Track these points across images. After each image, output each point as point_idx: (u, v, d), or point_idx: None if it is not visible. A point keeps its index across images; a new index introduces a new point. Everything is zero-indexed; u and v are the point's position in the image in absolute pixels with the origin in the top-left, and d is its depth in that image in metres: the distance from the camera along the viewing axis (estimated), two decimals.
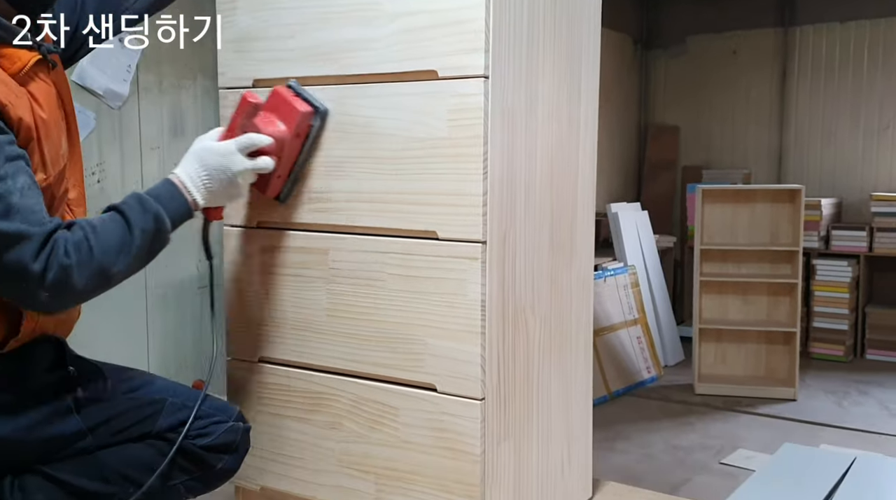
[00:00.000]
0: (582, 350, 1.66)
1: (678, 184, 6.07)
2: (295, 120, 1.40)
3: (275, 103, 1.40)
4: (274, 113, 1.39)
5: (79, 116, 2.99)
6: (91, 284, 1.24)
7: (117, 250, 1.25)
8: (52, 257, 1.19)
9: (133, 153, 3.17)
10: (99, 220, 1.28)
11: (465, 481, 1.37)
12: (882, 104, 5.42)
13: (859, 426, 3.95)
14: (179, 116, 3.35)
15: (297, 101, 1.41)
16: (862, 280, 5.25)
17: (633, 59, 6.07)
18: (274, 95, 1.40)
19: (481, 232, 1.32)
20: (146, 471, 1.37)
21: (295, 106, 1.40)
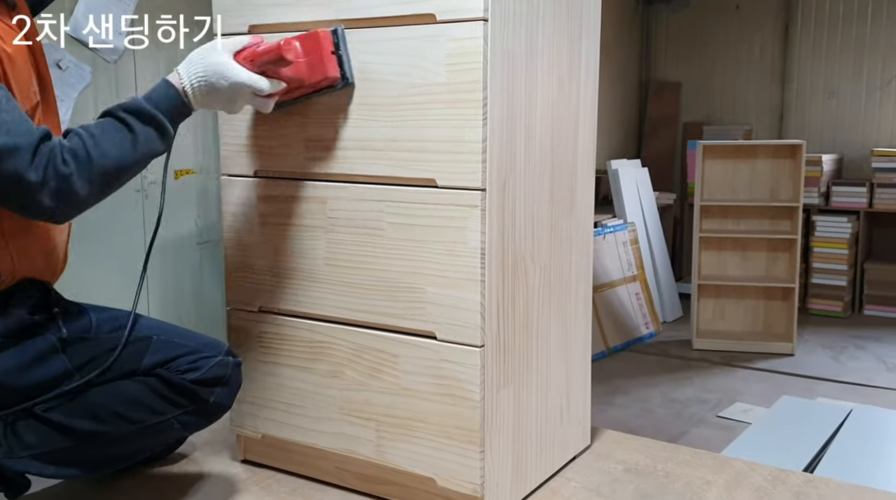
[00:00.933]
0: (581, 299, 1.66)
1: (679, 140, 6.03)
2: (318, 77, 1.38)
3: (309, 48, 1.36)
4: (306, 56, 1.36)
5: (74, 70, 2.96)
6: (94, 189, 1.25)
7: (117, 155, 1.25)
8: (49, 166, 1.19)
9: None
10: (97, 126, 1.28)
11: (465, 426, 1.38)
12: (885, 60, 5.36)
13: (856, 380, 3.98)
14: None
15: (330, 61, 1.37)
16: (861, 236, 5.25)
17: (635, 13, 5.99)
18: (313, 39, 1.36)
19: (481, 179, 1.31)
20: (137, 407, 1.38)
21: (326, 66, 1.37)
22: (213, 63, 1.34)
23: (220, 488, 1.54)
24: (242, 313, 1.61)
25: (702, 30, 5.91)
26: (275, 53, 1.33)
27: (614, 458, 1.67)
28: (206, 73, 1.34)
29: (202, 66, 1.34)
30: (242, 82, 1.34)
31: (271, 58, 1.34)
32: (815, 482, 1.56)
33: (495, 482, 1.40)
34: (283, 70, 1.35)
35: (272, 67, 1.35)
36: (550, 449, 1.57)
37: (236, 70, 1.34)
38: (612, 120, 5.95)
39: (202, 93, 1.35)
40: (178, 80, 1.35)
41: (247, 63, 1.35)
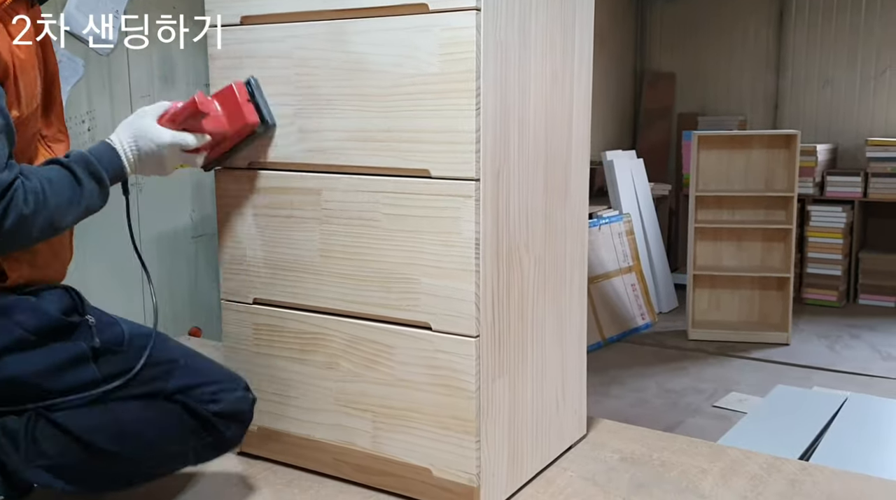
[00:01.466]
0: (576, 289, 1.66)
1: (674, 131, 6.03)
2: (238, 125, 1.46)
3: (225, 100, 1.45)
4: (222, 108, 1.44)
5: (67, 63, 2.95)
6: (42, 233, 1.28)
7: (68, 203, 1.29)
8: (11, 204, 1.21)
9: (123, 101, 3.13)
10: (51, 171, 1.30)
11: (461, 416, 1.38)
12: (879, 49, 5.37)
13: (851, 369, 3.99)
14: (169, 64, 3.30)
15: (248, 108, 1.46)
16: (856, 226, 5.26)
17: (629, 4, 5.98)
18: (227, 91, 1.45)
19: (474, 169, 1.31)
20: (158, 431, 1.37)
21: (244, 114, 1.45)
22: (140, 128, 1.40)
23: (216, 480, 1.54)
24: (237, 305, 1.61)
25: (696, 20, 5.91)
26: (191, 108, 1.41)
27: (610, 447, 1.67)
28: (135, 138, 1.40)
29: (131, 133, 1.40)
30: (168, 142, 1.40)
31: (189, 113, 1.41)
32: (809, 469, 1.57)
33: (491, 472, 1.41)
34: (204, 124, 1.43)
35: (192, 123, 1.43)
36: (546, 439, 1.57)
37: (161, 131, 1.40)
38: (606, 111, 5.95)
39: (135, 158, 1.40)
40: (118, 145, 1.40)
41: (168, 124, 1.42)
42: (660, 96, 6.05)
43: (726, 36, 5.83)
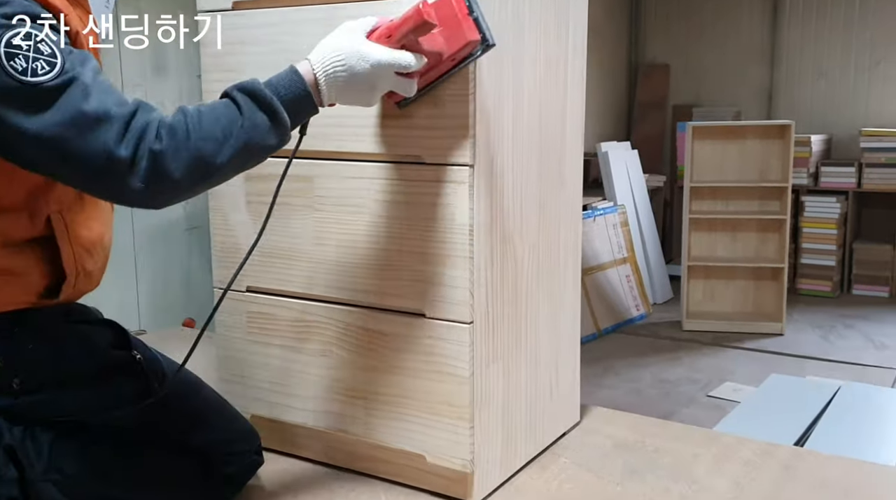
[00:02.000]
0: (570, 277, 1.66)
1: (668, 123, 6.03)
2: (458, 45, 1.23)
3: (445, 15, 1.21)
4: (440, 23, 1.20)
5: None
6: (191, 174, 1.09)
7: (221, 140, 1.10)
8: (141, 141, 1.06)
9: None
10: (208, 105, 1.14)
11: (455, 402, 1.38)
12: (873, 40, 5.37)
13: (845, 359, 4.01)
14: (162, 54, 3.29)
15: (468, 23, 1.22)
16: (850, 216, 5.27)
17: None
18: (446, 4, 1.22)
19: (469, 155, 1.30)
20: (172, 480, 1.34)
21: (464, 30, 1.22)
22: (350, 45, 1.18)
23: None
24: (230, 293, 1.60)
25: (690, 12, 5.90)
26: (414, 21, 1.18)
27: (603, 433, 1.67)
28: (344, 56, 1.17)
29: (338, 50, 1.18)
30: (385, 61, 1.18)
31: (411, 26, 1.18)
32: (802, 454, 1.57)
33: (485, 458, 1.41)
34: (422, 41, 1.21)
35: (413, 38, 1.20)
36: (540, 425, 1.58)
37: (377, 49, 1.18)
38: (601, 103, 5.94)
39: (341, 82, 1.18)
40: (307, 70, 1.18)
41: (383, 40, 1.21)
42: (654, 88, 6.05)
43: (720, 28, 5.82)
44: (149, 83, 3.25)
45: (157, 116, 1.10)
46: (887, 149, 5.08)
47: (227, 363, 1.63)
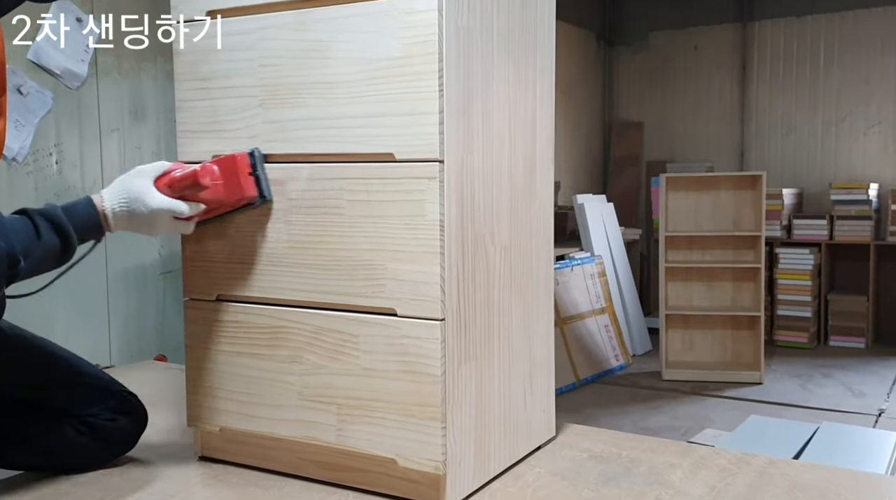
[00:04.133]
0: (543, 285, 1.66)
1: (643, 178, 6.14)
2: (235, 197, 1.45)
3: (228, 170, 1.43)
4: (222, 177, 1.43)
5: (36, 96, 2.95)
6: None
7: (22, 254, 1.26)
8: None
9: (92, 135, 3.13)
10: (12, 219, 1.31)
11: (427, 402, 1.35)
12: (839, 95, 5.54)
13: (824, 406, 4.00)
14: (140, 99, 3.32)
15: (247, 181, 1.44)
16: (824, 268, 5.34)
17: (597, 55, 6.14)
18: (229, 162, 1.43)
19: (438, 151, 1.32)
20: None
21: (242, 187, 1.44)
22: (135, 190, 1.40)
23: (176, 485, 1.49)
24: (199, 303, 1.58)
25: (662, 71, 6.08)
26: (191, 180, 1.41)
27: (579, 447, 1.65)
28: (127, 199, 1.39)
29: (125, 193, 1.40)
30: (161, 208, 1.40)
31: (188, 183, 1.41)
32: (778, 463, 1.55)
33: (458, 461, 1.38)
34: (202, 193, 1.43)
35: (190, 192, 1.42)
36: (514, 435, 1.55)
37: (156, 197, 1.40)
38: (576, 159, 6.04)
39: (124, 218, 1.39)
40: (100, 203, 1.39)
41: (166, 189, 1.42)
42: (628, 145, 6.18)
43: (691, 86, 5.99)
44: (126, 127, 3.27)
45: None
46: (857, 201, 5.18)
47: (196, 376, 1.60)
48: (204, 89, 1.53)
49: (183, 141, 1.57)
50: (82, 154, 3.09)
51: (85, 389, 1.57)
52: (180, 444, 1.71)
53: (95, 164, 3.16)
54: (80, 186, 3.05)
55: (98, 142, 3.16)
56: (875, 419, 3.76)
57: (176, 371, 2.35)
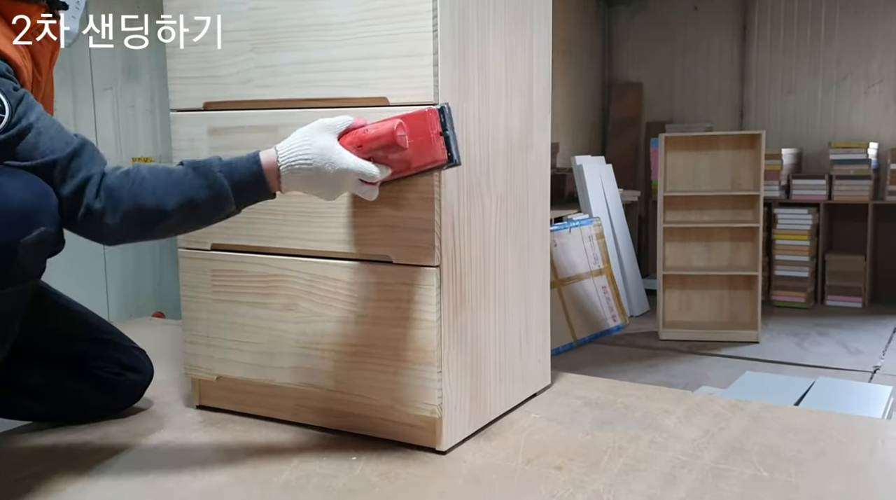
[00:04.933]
0: (539, 236, 1.65)
1: (642, 140, 6.10)
2: (425, 161, 1.28)
3: (417, 129, 1.26)
4: (411, 138, 1.25)
5: None
6: (129, 226, 1.21)
7: (156, 205, 1.19)
8: (81, 195, 1.18)
9: (85, 94, 3.11)
10: (157, 170, 1.23)
11: (423, 348, 1.36)
12: (840, 55, 5.49)
13: (819, 363, 4.02)
14: (132, 58, 3.29)
15: (438, 142, 1.26)
16: (822, 228, 5.33)
17: (596, 15, 6.08)
18: (420, 119, 1.26)
19: (432, 94, 1.31)
20: None
21: (433, 148, 1.26)
22: (321, 147, 1.23)
23: (175, 432, 1.50)
24: (194, 253, 1.58)
25: (662, 31, 6.02)
26: (387, 140, 1.24)
27: (574, 395, 1.66)
28: (311, 156, 1.23)
29: (308, 149, 1.23)
30: (352, 169, 1.23)
31: (382, 143, 1.25)
32: (771, 408, 1.56)
33: (454, 405, 1.38)
34: (392, 155, 1.27)
35: (381, 153, 1.26)
36: (510, 382, 1.56)
37: (344, 156, 1.23)
38: (576, 121, 6.01)
39: (302, 177, 1.23)
40: (271, 160, 1.23)
41: (352, 148, 1.25)
42: (627, 106, 6.13)
43: (691, 46, 5.94)
44: (119, 86, 3.24)
45: (98, 169, 1.21)
46: (856, 161, 5.17)
47: (192, 325, 1.60)
48: (195, 34, 1.52)
49: (175, 88, 1.56)
50: (76, 113, 3.07)
51: (95, 342, 1.57)
52: (179, 394, 1.72)
53: (89, 123, 3.14)
54: None
55: (91, 101, 3.14)
56: (870, 376, 3.78)
57: (174, 327, 2.36)
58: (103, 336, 1.59)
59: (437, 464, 1.34)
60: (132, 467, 1.36)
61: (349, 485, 1.26)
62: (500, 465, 1.32)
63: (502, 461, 1.33)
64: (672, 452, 1.35)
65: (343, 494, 1.23)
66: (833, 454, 1.34)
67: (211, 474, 1.31)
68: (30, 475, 1.32)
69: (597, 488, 1.22)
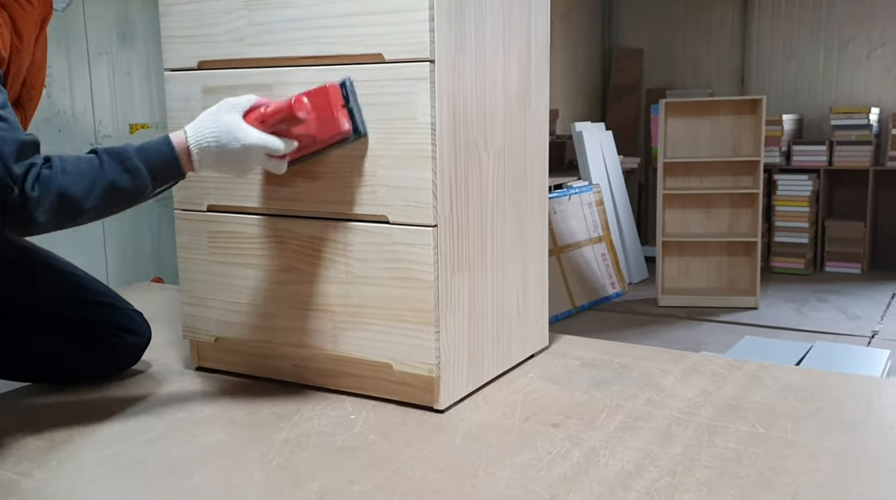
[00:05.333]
0: (537, 195, 1.64)
1: (642, 106, 6.06)
2: (329, 133, 1.32)
3: (320, 104, 1.31)
4: (314, 111, 1.30)
5: None
6: (55, 219, 1.20)
7: (82, 193, 1.19)
8: (24, 178, 1.16)
9: (80, 59, 3.08)
10: (79, 160, 1.23)
11: (420, 308, 1.36)
12: (842, 21, 5.43)
13: (818, 329, 4.03)
14: (127, 21, 3.26)
15: (342, 114, 1.32)
16: (822, 194, 5.32)
17: None
18: (322, 94, 1.31)
19: (429, 50, 1.29)
20: None
21: (337, 120, 1.31)
22: (226, 124, 1.27)
23: (173, 394, 1.50)
24: (190, 214, 1.57)
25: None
26: (286, 113, 1.28)
27: (571, 355, 1.66)
28: (218, 133, 1.27)
29: (214, 127, 1.27)
30: (255, 144, 1.28)
31: (282, 117, 1.29)
32: (769, 367, 1.57)
33: (451, 364, 1.39)
34: (294, 129, 1.31)
35: (284, 127, 1.30)
36: (507, 342, 1.56)
37: (249, 131, 1.28)
38: (575, 87, 5.96)
39: (213, 154, 1.27)
40: (181, 141, 1.27)
41: (257, 124, 1.30)
42: (628, 72, 6.09)
43: (693, 12, 5.88)
44: (114, 50, 3.21)
45: (39, 161, 1.19)
46: (857, 126, 5.14)
47: (189, 287, 1.60)
48: None
49: (168, 47, 1.54)
50: (71, 78, 3.04)
51: (92, 304, 1.57)
52: (177, 356, 1.73)
53: (85, 88, 3.11)
54: (70, 110, 3.01)
55: (87, 66, 3.11)
56: (868, 340, 3.79)
57: (172, 292, 2.36)
58: (100, 298, 1.59)
59: (435, 422, 1.34)
60: (131, 427, 1.36)
61: (348, 443, 1.26)
62: (497, 423, 1.32)
63: (500, 420, 1.34)
64: (669, 410, 1.36)
65: (341, 451, 1.23)
66: (830, 412, 1.34)
67: (210, 433, 1.32)
68: (27, 434, 1.32)
69: (593, 444, 1.23)
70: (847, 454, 1.18)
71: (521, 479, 1.12)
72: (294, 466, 1.18)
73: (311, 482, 1.13)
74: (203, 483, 1.14)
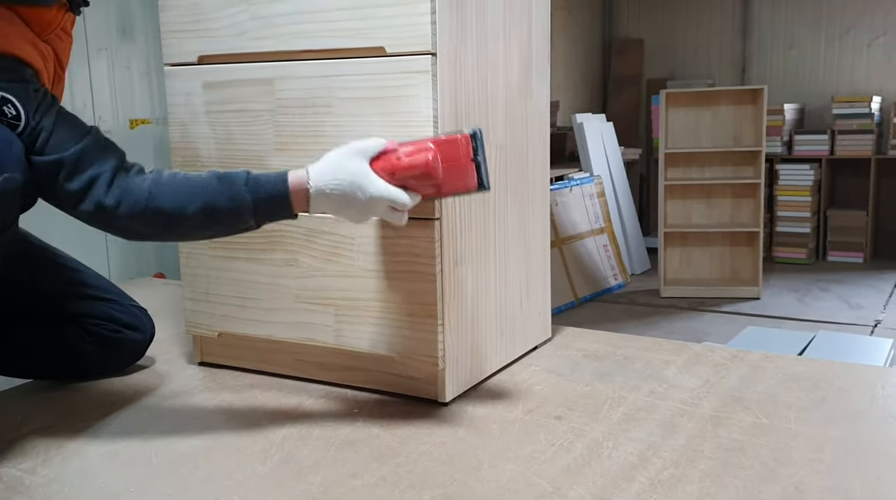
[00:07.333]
0: (539, 186, 1.64)
1: (643, 97, 6.05)
2: (455, 189, 1.26)
3: (450, 154, 1.23)
4: (443, 165, 1.23)
5: None
6: (143, 229, 1.22)
7: (176, 211, 1.20)
8: (91, 191, 1.20)
9: (80, 54, 3.07)
10: (182, 175, 1.23)
11: (423, 301, 1.36)
12: (843, 9, 5.42)
13: (820, 318, 4.03)
14: (127, 16, 3.25)
15: (470, 170, 1.25)
16: (824, 183, 5.31)
17: None
18: (452, 145, 1.23)
19: (431, 43, 1.29)
20: None
21: (465, 176, 1.25)
22: (352, 173, 1.21)
23: (177, 389, 1.50)
24: None
25: None
26: (421, 170, 1.22)
27: (574, 347, 1.66)
28: (342, 182, 1.20)
29: (340, 174, 1.21)
30: (382, 196, 1.21)
31: (416, 173, 1.22)
32: (772, 357, 1.57)
33: (455, 357, 1.39)
34: (420, 189, 1.25)
35: (414, 182, 1.24)
36: (510, 335, 1.56)
37: (376, 182, 1.21)
38: (576, 78, 5.95)
39: (332, 202, 1.21)
40: (300, 181, 1.21)
41: (385, 175, 1.23)
42: (628, 63, 6.07)
43: (694, 2, 5.86)
44: (114, 45, 3.20)
45: (109, 166, 1.22)
46: (859, 115, 5.12)
47: (192, 282, 1.60)
48: None
49: (168, 42, 1.53)
50: (70, 73, 3.03)
51: (94, 300, 1.57)
52: (180, 352, 1.73)
53: (84, 83, 3.10)
54: (69, 106, 3.00)
55: (86, 61, 3.10)
56: (871, 330, 3.79)
57: (175, 287, 2.36)
58: (102, 294, 1.59)
59: (439, 415, 1.34)
60: (134, 422, 1.36)
61: (351, 436, 1.26)
62: (500, 415, 1.33)
63: (503, 412, 1.34)
64: (672, 401, 1.36)
65: (345, 445, 1.23)
66: (833, 402, 1.34)
67: (213, 428, 1.32)
68: (31, 431, 1.32)
69: (596, 436, 1.23)
70: (851, 444, 1.18)
71: (525, 471, 1.12)
72: (297, 459, 1.19)
73: (314, 476, 1.13)
74: (207, 478, 1.14)
